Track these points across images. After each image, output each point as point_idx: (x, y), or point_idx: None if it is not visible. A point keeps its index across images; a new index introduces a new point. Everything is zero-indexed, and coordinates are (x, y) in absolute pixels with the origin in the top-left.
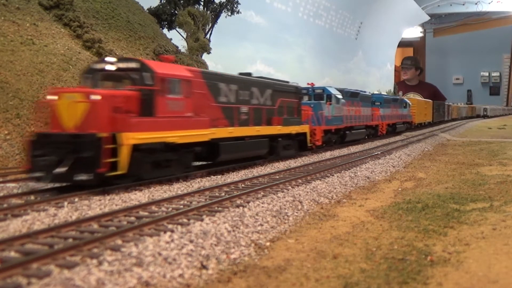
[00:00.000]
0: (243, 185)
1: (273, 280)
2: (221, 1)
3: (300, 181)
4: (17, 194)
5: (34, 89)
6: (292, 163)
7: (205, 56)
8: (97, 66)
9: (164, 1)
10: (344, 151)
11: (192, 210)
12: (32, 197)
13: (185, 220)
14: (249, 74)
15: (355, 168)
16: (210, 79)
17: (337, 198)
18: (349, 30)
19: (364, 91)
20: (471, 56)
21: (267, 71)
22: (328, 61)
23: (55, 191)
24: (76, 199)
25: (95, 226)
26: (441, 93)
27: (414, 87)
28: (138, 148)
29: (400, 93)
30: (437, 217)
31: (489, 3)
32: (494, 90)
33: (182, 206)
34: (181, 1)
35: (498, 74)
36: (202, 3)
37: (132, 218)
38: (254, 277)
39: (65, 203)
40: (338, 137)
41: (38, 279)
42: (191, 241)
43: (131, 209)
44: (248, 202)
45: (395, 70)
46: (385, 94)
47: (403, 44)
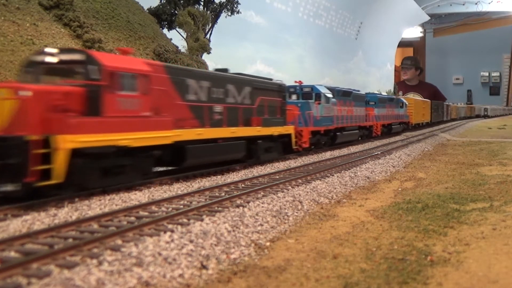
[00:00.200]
0: (243, 185)
1: (273, 280)
2: (221, 1)
3: (300, 181)
4: None
5: None
6: (292, 163)
7: (205, 56)
8: (37, 59)
9: (164, 1)
10: (344, 151)
11: (192, 210)
12: None
13: (185, 220)
14: (226, 70)
15: (355, 168)
16: (176, 75)
17: (337, 198)
18: (349, 30)
19: (358, 90)
20: (471, 56)
21: (267, 71)
22: (328, 61)
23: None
24: (76, 199)
25: (95, 226)
26: (441, 93)
27: (414, 87)
28: (81, 153)
29: (400, 93)
30: (437, 217)
31: (489, 3)
32: (494, 90)
33: (182, 206)
34: (181, 1)
35: (498, 74)
36: (202, 3)
37: (132, 218)
38: (254, 277)
39: (65, 203)
40: (328, 139)
41: (38, 279)
42: (191, 241)
43: (131, 209)
44: (248, 202)
45: (395, 70)
46: (380, 93)
47: (403, 44)
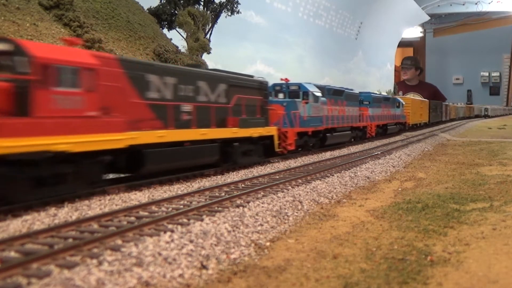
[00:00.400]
0: (243, 185)
1: (273, 280)
2: (221, 1)
3: (300, 181)
4: None
5: None
6: (292, 163)
7: (205, 56)
8: None
9: (164, 1)
10: (344, 151)
11: (192, 210)
12: None
13: (185, 220)
14: (198, 66)
15: (355, 168)
16: (134, 70)
17: (337, 198)
18: (349, 30)
19: (351, 89)
20: (471, 56)
21: (267, 71)
22: (328, 61)
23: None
24: (76, 199)
25: (95, 226)
26: (441, 93)
27: (414, 87)
28: (5, 161)
29: (400, 93)
30: (437, 217)
31: (489, 3)
32: (494, 90)
33: (182, 206)
34: (181, 1)
35: (498, 74)
36: (202, 3)
37: (132, 218)
38: (254, 277)
39: (65, 203)
40: (317, 141)
41: (38, 279)
42: (191, 241)
43: (131, 209)
44: (248, 202)
45: (395, 70)
46: (375, 93)
47: (403, 44)
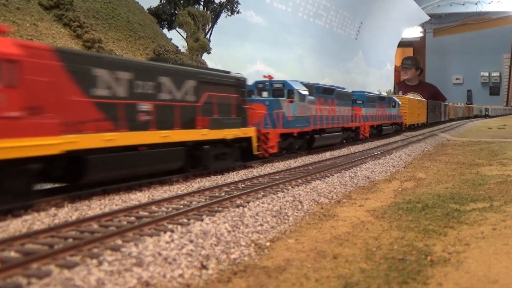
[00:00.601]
0: (243, 185)
1: (273, 280)
2: (221, 1)
3: (300, 181)
4: None
5: None
6: (292, 163)
7: (205, 56)
8: None
9: (164, 1)
10: (344, 151)
11: (192, 210)
12: None
13: (185, 220)
14: (162, 60)
15: (355, 168)
16: (74, 62)
17: (337, 198)
18: (349, 30)
19: (343, 88)
20: (471, 56)
21: (267, 71)
22: (328, 61)
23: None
24: (76, 199)
25: (95, 226)
26: (441, 93)
27: (414, 87)
28: None
29: (400, 93)
30: (437, 217)
31: (489, 3)
32: (494, 90)
33: (182, 206)
34: (181, 1)
35: (498, 74)
36: (202, 3)
37: (132, 218)
38: (254, 277)
39: (65, 203)
40: (304, 142)
41: (38, 279)
42: (191, 241)
43: (131, 209)
44: (248, 202)
45: (395, 70)
46: (368, 92)
47: (403, 44)
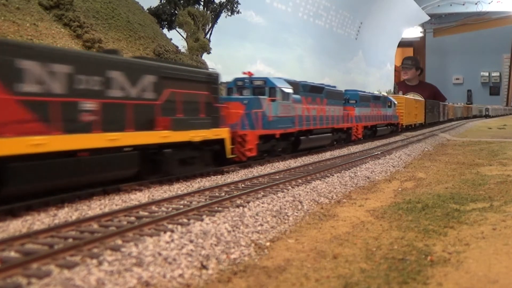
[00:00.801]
0: (243, 185)
1: (273, 280)
2: (221, 1)
3: (300, 181)
4: None
5: None
6: (292, 163)
7: (205, 56)
8: None
9: (164, 1)
10: (344, 151)
11: (192, 210)
12: None
13: (185, 220)
14: (115, 52)
15: (355, 168)
16: None
17: (337, 198)
18: (349, 30)
19: (334, 86)
20: (471, 56)
21: (267, 71)
22: (328, 61)
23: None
24: (76, 199)
25: (95, 226)
26: (441, 93)
27: (415, 87)
28: None
29: (400, 93)
30: (437, 217)
31: (489, 3)
32: (494, 90)
33: (182, 206)
34: (181, 1)
35: (498, 74)
36: (202, 3)
37: (132, 218)
38: (254, 277)
39: (65, 203)
40: (288, 145)
41: (38, 279)
42: (191, 241)
43: (131, 209)
44: (248, 202)
45: (395, 70)
46: (362, 91)
47: (403, 44)
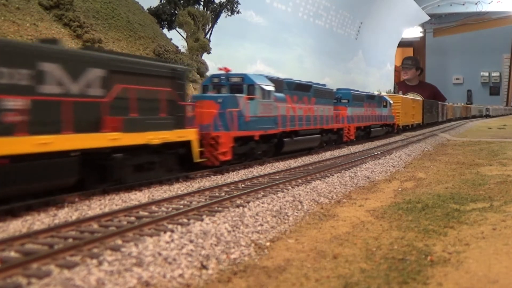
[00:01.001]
0: (243, 185)
1: (273, 280)
2: (221, 1)
3: (300, 181)
4: None
5: None
6: (292, 163)
7: (205, 56)
8: None
9: (164, 1)
10: (344, 151)
11: (192, 210)
12: None
13: (185, 220)
14: (54, 42)
15: (355, 168)
16: None
17: (337, 198)
18: (349, 30)
19: (324, 85)
20: (471, 56)
21: (267, 71)
22: (328, 61)
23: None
24: (76, 199)
25: (95, 226)
26: (441, 93)
27: (415, 87)
28: None
29: (400, 93)
30: (437, 217)
31: (489, 3)
32: (494, 90)
33: (182, 206)
34: (181, 1)
35: (498, 74)
36: (202, 3)
37: (132, 218)
38: (254, 277)
39: (65, 203)
40: (270, 147)
41: (38, 279)
42: (191, 241)
43: (131, 209)
44: (248, 202)
45: (395, 70)
46: (355, 90)
47: (403, 44)
